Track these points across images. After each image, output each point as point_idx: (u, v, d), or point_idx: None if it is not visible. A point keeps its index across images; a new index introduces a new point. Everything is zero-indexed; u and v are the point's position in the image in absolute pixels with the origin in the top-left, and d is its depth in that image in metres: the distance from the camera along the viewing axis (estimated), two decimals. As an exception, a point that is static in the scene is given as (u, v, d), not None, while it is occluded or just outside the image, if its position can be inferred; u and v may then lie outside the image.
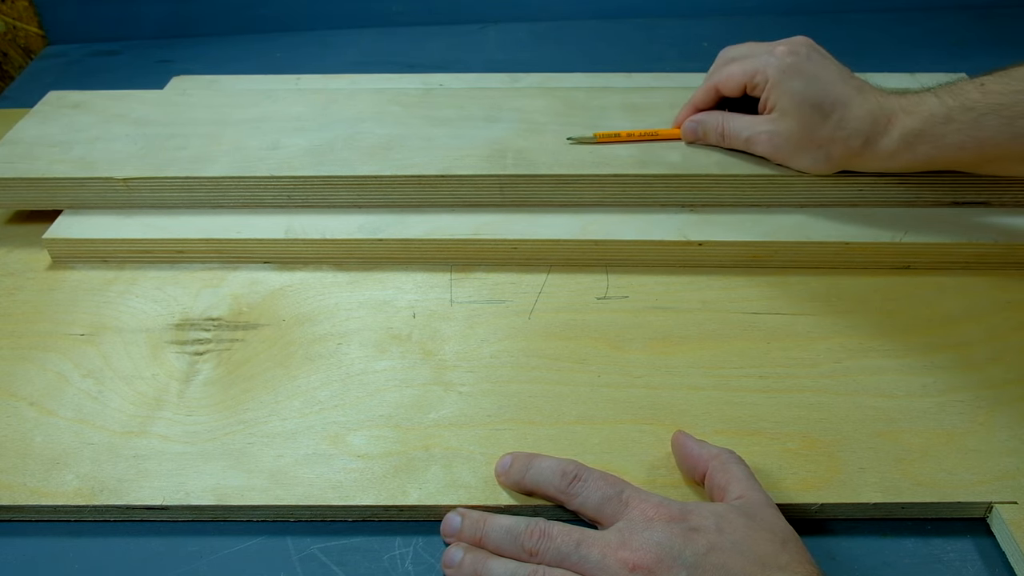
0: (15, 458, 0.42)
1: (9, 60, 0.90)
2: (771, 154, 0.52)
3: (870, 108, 0.48)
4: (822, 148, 0.50)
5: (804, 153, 0.51)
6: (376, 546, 0.39)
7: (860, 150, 0.49)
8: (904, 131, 0.47)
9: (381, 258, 0.54)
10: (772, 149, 0.52)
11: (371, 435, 0.43)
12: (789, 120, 0.50)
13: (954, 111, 0.45)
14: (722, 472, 0.38)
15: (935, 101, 0.46)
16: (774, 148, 0.52)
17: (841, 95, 0.48)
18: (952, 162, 0.48)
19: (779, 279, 0.52)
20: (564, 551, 0.36)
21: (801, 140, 0.50)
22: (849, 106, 0.48)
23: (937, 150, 0.47)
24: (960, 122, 0.45)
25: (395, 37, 0.87)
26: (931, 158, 0.47)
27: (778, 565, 0.33)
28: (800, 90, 0.49)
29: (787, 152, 0.51)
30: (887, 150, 0.48)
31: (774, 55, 0.51)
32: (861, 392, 0.45)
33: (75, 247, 0.54)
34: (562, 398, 0.45)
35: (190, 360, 0.47)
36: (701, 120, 0.54)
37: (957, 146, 0.46)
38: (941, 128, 0.46)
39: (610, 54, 0.83)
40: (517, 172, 0.53)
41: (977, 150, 0.46)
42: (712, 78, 0.55)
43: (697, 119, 0.54)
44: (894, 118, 0.47)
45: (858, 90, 0.49)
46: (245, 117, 0.60)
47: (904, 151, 0.47)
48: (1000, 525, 0.39)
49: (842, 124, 0.48)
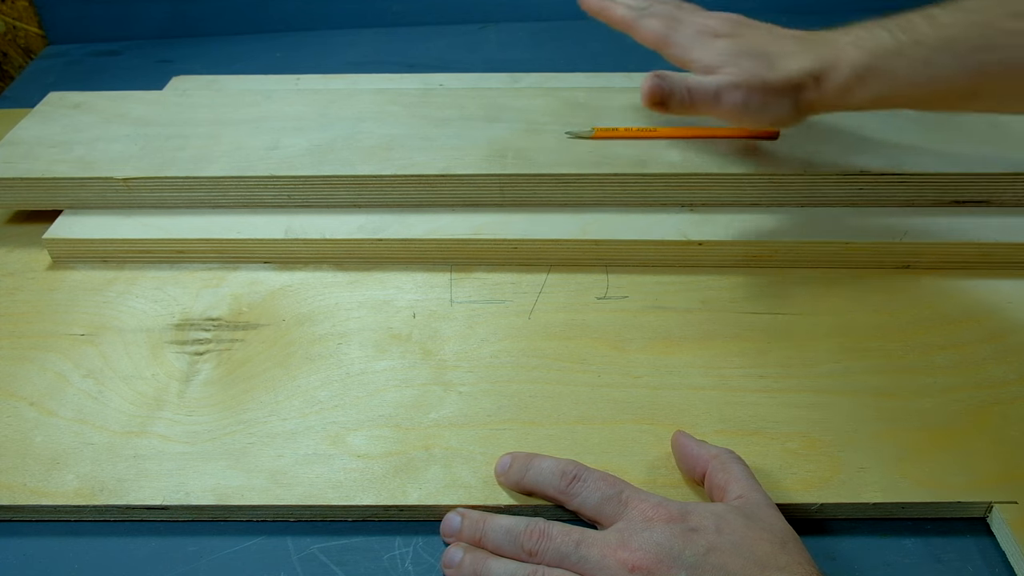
0: (15, 458, 0.42)
1: (9, 60, 0.90)
2: (731, 110, 0.47)
3: (814, 47, 0.47)
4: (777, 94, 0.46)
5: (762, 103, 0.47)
6: (376, 546, 0.39)
7: (814, 87, 0.46)
8: (854, 64, 0.45)
9: (381, 258, 0.54)
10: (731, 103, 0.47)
11: (371, 435, 0.43)
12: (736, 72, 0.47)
13: (905, 46, 0.44)
14: (722, 472, 0.38)
15: (886, 35, 0.45)
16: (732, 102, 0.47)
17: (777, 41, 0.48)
18: (906, 98, 0.46)
19: (779, 279, 0.52)
20: (563, 551, 0.36)
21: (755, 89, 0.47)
22: (789, 49, 0.47)
23: (890, 85, 0.45)
24: (911, 57, 0.44)
25: (395, 37, 0.87)
26: (884, 94, 0.45)
27: (777, 566, 0.33)
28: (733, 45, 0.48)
29: (759, 99, 0.47)
30: (839, 84, 0.45)
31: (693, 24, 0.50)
32: (861, 392, 0.45)
33: (75, 247, 0.54)
34: (562, 398, 0.45)
35: (190, 360, 0.47)
36: (666, 75, 0.48)
37: (909, 81, 0.44)
38: (892, 62, 0.44)
39: (610, 54, 0.83)
40: (517, 172, 0.53)
41: (928, 87, 0.44)
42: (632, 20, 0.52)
43: (661, 74, 0.48)
44: (843, 52, 0.46)
45: (796, 37, 0.48)
46: (245, 117, 0.60)
47: (857, 86, 0.45)
48: (1000, 525, 0.39)
49: (789, 67, 0.46)
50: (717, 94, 0.47)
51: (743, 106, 0.47)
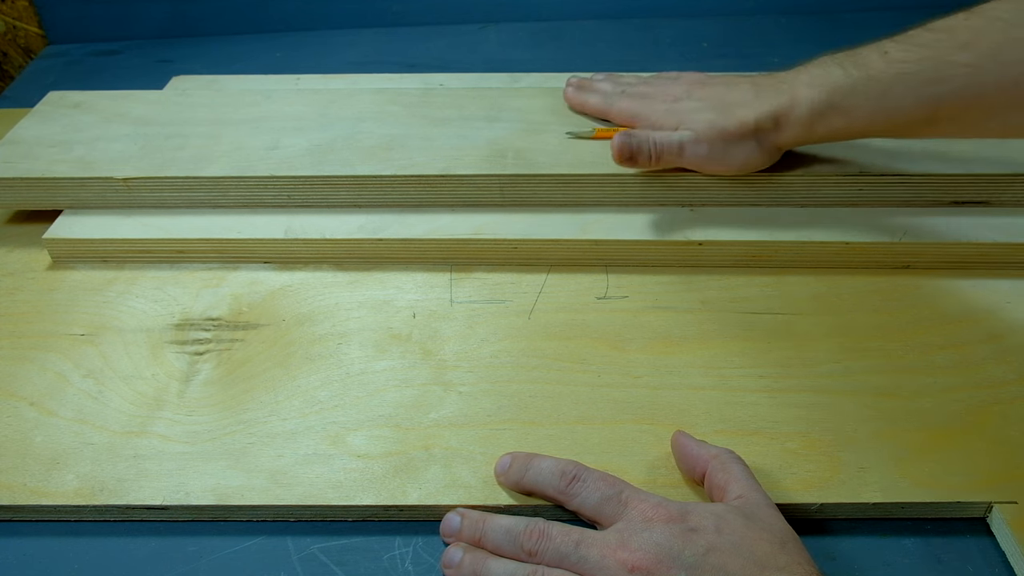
0: (15, 458, 0.42)
1: (9, 60, 0.90)
2: (696, 161, 0.51)
3: (771, 90, 0.49)
4: (745, 141, 0.50)
5: (735, 150, 0.50)
6: (376, 546, 0.39)
7: (774, 129, 0.48)
8: (811, 102, 0.47)
9: (381, 258, 0.54)
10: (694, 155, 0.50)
11: (371, 435, 0.43)
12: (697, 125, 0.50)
13: (859, 81, 0.45)
14: (721, 472, 0.38)
15: (839, 72, 0.46)
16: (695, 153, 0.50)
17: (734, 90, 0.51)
18: (865, 130, 0.48)
19: (779, 279, 0.52)
20: (563, 551, 0.36)
21: (724, 135, 0.50)
22: (747, 99, 0.49)
23: (847, 121, 0.47)
24: (866, 94, 0.45)
25: (395, 37, 0.87)
26: (842, 128, 0.47)
27: (777, 566, 0.33)
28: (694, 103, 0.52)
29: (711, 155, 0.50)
30: (799, 122, 0.47)
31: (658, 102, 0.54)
32: (861, 392, 0.45)
33: (75, 247, 0.54)
34: (562, 398, 0.45)
35: (190, 360, 0.47)
36: (633, 134, 0.51)
37: (866, 118, 0.46)
38: (849, 100, 0.46)
39: (610, 54, 0.83)
40: (517, 172, 0.53)
41: (886, 119, 0.46)
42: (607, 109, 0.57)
43: (629, 132, 0.51)
44: (798, 92, 0.47)
45: (749, 83, 0.51)
46: (245, 117, 0.60)
47: (816, 122, 0.47)
48: (1000, 525, 0.39)
49: (749, 112, 0.49)
50: (681, 147, 0.51)
51: (707, 156, 0.51)
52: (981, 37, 0.42)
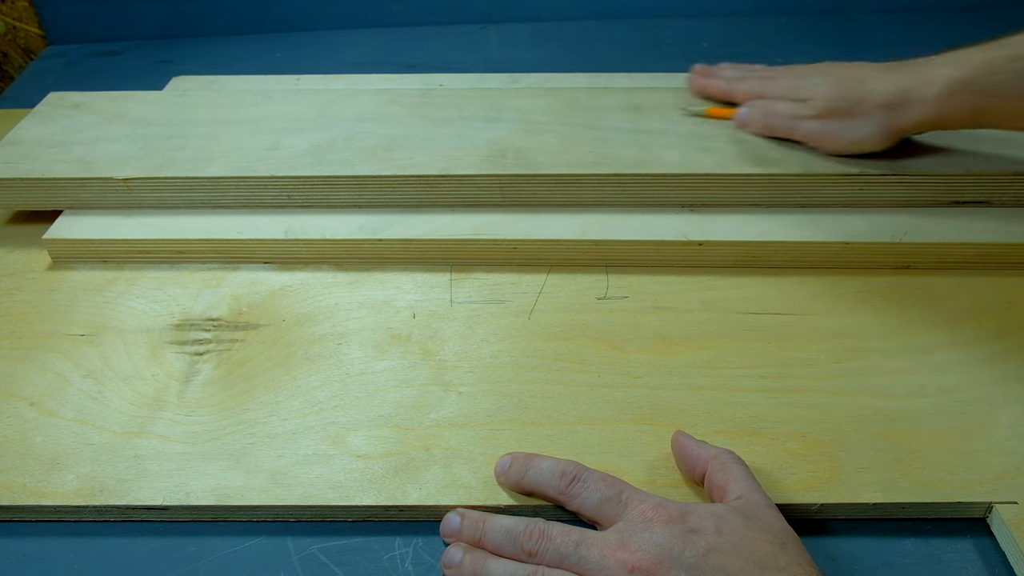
0: (15, 458, 0.42)
1: (9, 60, 0.90)
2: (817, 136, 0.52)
3: (900, 70, 0.48)
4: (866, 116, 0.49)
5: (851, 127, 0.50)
6: (376, 546, 0.39)
7: (903, 104, 0.48)
8: (948, 79, 0.46)
9: (381, 258, 0.54)
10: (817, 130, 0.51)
11: (371, 435, 0.43)
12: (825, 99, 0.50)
13: (1000, 60, 0.45)
14: (721, 472, 0.38)
15: (979, 53, 0.46)
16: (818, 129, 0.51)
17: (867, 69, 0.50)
18: (1003, 113, 0.47)
19: (779, 279, 0.52)
20: (563, 552, 0.36)
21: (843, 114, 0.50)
22: (878, 74, 0.49)
23: (984, 100, 0.46)
24: (1009, 72, 0.45)
25: (395, 37, 0.87)
26: (980, 108, 0.46)
27: (777, 566, 0.33)
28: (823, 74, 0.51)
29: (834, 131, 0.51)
30: (931, 100, 0.47)
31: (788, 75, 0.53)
32: (861, 392, 0.45)
33: (75, 247, 0.54)
34: (562, 398, 0.45)
35: (190, 360, 0.47)
36: (755, 104, 0.54)
37: (1005, 96, 0.45)
38: (988, 77, 0.45)
39: (610, 54, 0.83)
40: (517, 172, 0.53)
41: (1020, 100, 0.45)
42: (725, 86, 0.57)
43: (751, 103, 0.54)
44: (934, 70, 0.47)
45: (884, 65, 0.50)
46: (245, 117, 0.60)
47: (949, 101, 0.46)
48: (1000, 525, 0.39)
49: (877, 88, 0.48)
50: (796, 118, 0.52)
51: (822, 130, 0.51)
52: None
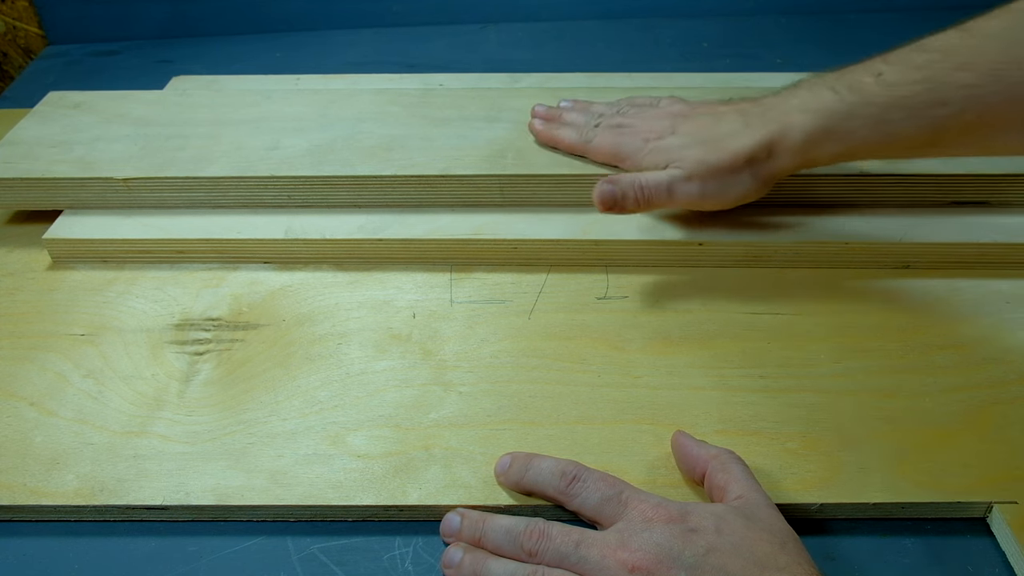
0: (15, 458, 0.42)
1: (9, 60, 0.90)
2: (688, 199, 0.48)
3: (760, 118, 0.47)
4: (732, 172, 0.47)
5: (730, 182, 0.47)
6: (376, 546, 0.39)
7: (768, 157, 0.46)
8: (805, 129, 0.45)
9: (381, 258, 0.54)
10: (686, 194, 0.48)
11: (371, 435, 0.43)
12: (684, 162, 0.48)
13: (855, 106, 0.44)
14: (721, 472, 0.38)
15: (831, 96, 0.45)
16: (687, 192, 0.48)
17: (720, 121, 0.48)
18: (863, 153, 0.46)
19: (779, 279, 0.52)
20: (563, 551, 0.36)
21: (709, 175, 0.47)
22: (735, 128, 0.47)
23: (844, 146, 0.45)
24: (863, 117, 0.44)
25: (395, 37, 0.87)
26: (838, 154, 0.46)
27: (777, 566, 0.33)
28: (682, 137, 0.49)
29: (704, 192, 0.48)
30: (793, 150, 0.46)
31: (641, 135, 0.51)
32: (861, 392, 0.45)
33: (75, 247, 0.54)
34: (562, 398, 0.45)
35: (190, 360, 0.47)
36: (617, 180, 0.48)
37: (863, 142, 0.45)
38: (844, 125, 0.44)
39: (610, 54, 0.83)
40: (517, 172, 0.53)
41: (885, 144, 0.44)
42: (584, 148, 0.54)
43: (612, 179, 0.48)
44: (791, 119, 0.45)
45: (736, 111, 0.48)
46: (245, 117, 0.60)
47: (811, 149, 0.45)
48: (1000, 525, 0.39)
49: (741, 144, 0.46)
50: (670, 189, 0.48)
51: (700, 194, 0.48)
52: (979, 57, 0.41)
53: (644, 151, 0.50)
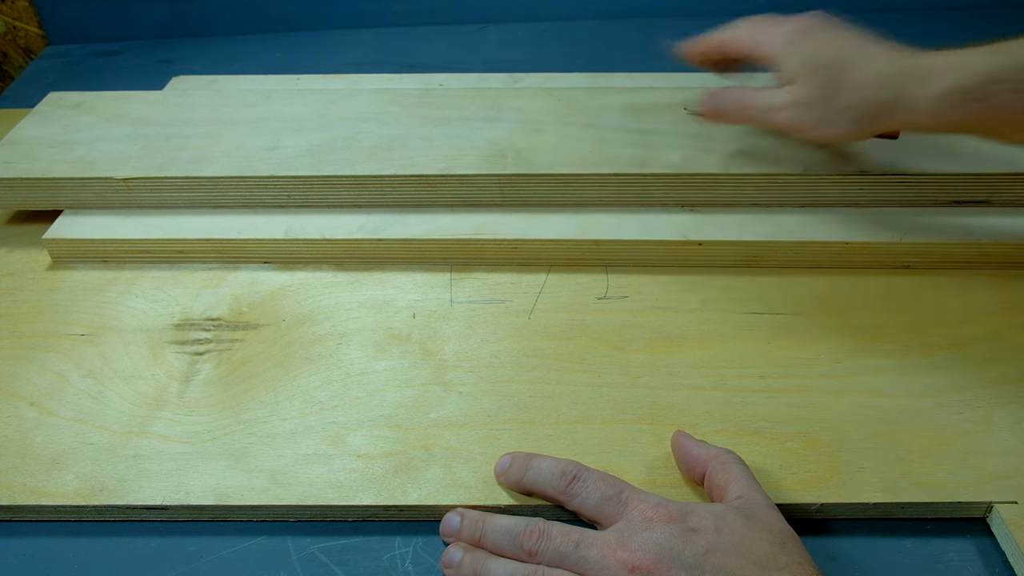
0: (15, 458, 0.42)
1: (9, 60, 0.90)
2: (793, 124, 0.47)
3: (899, 63, 0.44)
4: (846, 108, 0.45)
5: (830, 117, 0.46)
6: (376, 546, 0.39)
7: (889, 107, 0.44)
8: (946, 87, 0.43)
9: (381, 258, 0.54)
10: (793, 118, 0.47)
11: (371, 435, 0.43)
12: (806, 86, 0.46)
13: (1001, 70, 0.42)
14: (721, 472, 0.38)
15: (979, 58, 0.43)
16: (795, 118, 0.47)
17: (861, 53, 0.45)
18: (994, 123, 0.44)
19: (779, 279, 0.52)
20: (563, 551, 0.36)
21: (823, 104, 0.46)
22: (871, 61, 0.45)
23: (982, 109, 0.43)
24: (1008, 82, 0.42)
25: (395, 37, 0.87)
26: (974, 117, 0.44)
27: (777, 566, 0.33)
28: (813, 54, 0.46)
29: (810, 121, 0.46)
30: (925, 107, 0.44)
31: (784, 26, 0.48)
32: (861, 392, 0.45)
33: (75, 247, 0.54)
34: (562, 398, 0.45)
35: (190, 360, 0.47)
36: (721, 95, 0.50)
37: (1002, 107, 0.43)
38: (986, 87, 0.43)
39: (610, 54, 0.83)
40: (517, 172, 0.53)
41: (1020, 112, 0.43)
42: (721, 34, 0.52)
43: (718, 94, 0.50)
44: (932, 73, 0.43)
45: (883, 49, 0.46)
46: (245, 117, 0.60)
47: (946, 109, 0.43)
48: (1000, 525, 0.39)
49: (864, 82, 0.45)
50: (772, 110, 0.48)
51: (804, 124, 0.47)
52: None
53: (782, 46, 0.48)
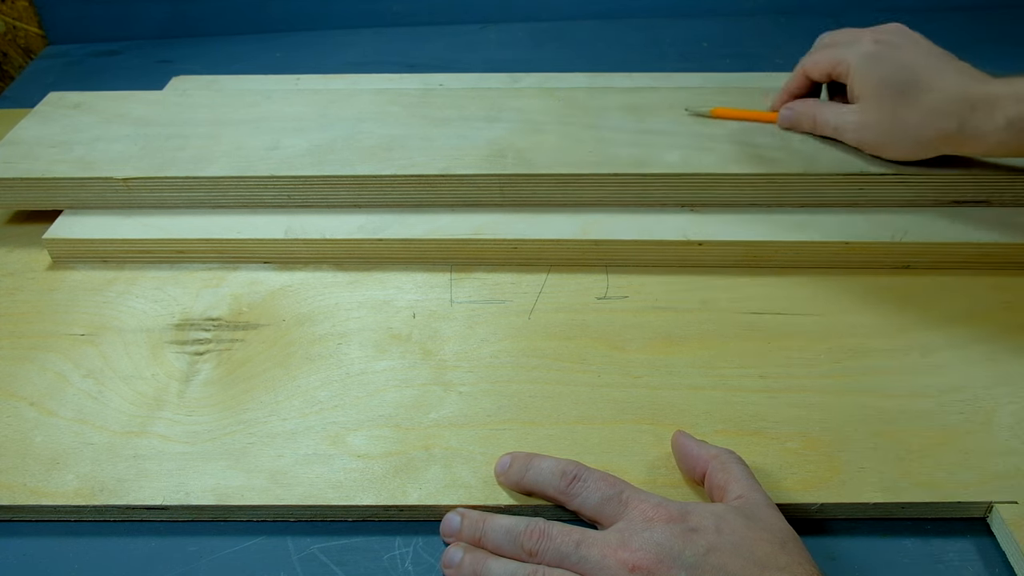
0: (15, 458, 0.42)
1: (9, 60, 0.90)
2: (859, 143, 0.52)
3: (967, 91, 0.46)
4: (910, 134, 0.48)
5: (894, 141, 0.50)
6: (376, 546, 0.39)
7: (955, 134, 0.47)
8: (1011, 116, 0.45)
9: (381, 258, 0.54)
10: (859, 138, 0.51)
11: (371, 435, 0.43)
12: (873, 108, 0.49)
13: None
14: (722, 472, 0.38)
15: None
16: (860, 138, 0.51)
17: (930, 77, 0.47)
18: None
19: (779, 279, 0.52)
20: (563, 551, 0.36)
21: (888, 127, 0.49)
22: (939, 89, 0.47)
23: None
24: None
25: (395, 37, 0.87)
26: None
27: (777, 566, 0.33)
28: (882, 76, 0.48)
29: (875, 142, 0.51)
30: (991, 136, 0.46)
31: (860, 43, 0.51)
32: (861, 392, 0.45)
33: (75, 247, 0.54)
34: (562, 398, 0.45)
35: (190, 360, 0.47)
36: (795, 108, 0.55)
37: None
38: None
39: (610, 54, 0.83)
40: (517, 172, 0.53)
41: None
42: (802, 63, 0.55)
43: (791, 106, 0.55)
44: (999, 102, 0.45)
45: (955, 73, 0.47)
46: (245, 117, 0.60)
47: (1011, 137, 0.45)
48: (1000, 525, 0.39)
49: (931, 108, 0.47)
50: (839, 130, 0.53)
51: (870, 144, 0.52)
52: None
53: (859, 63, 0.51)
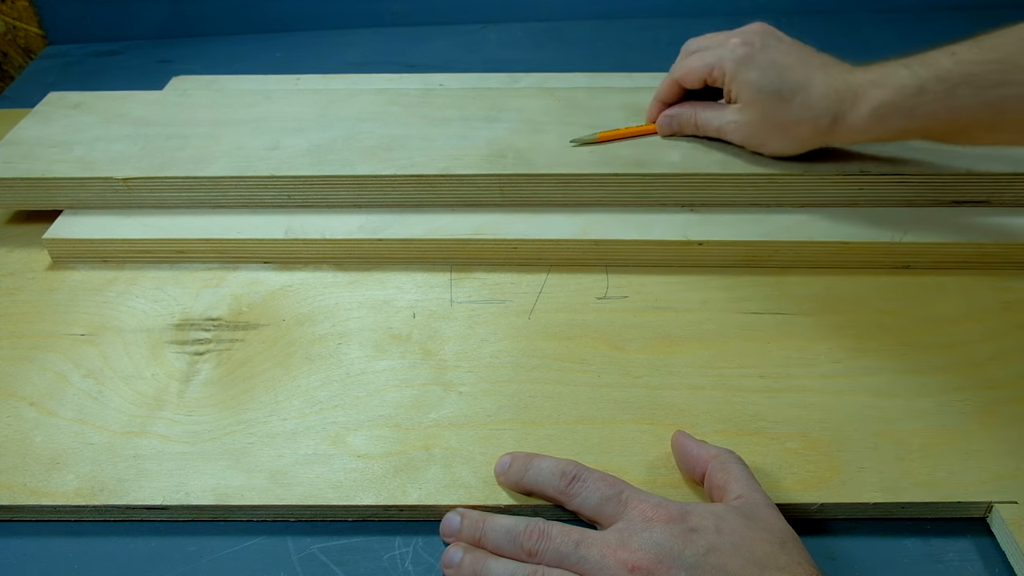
0: (15, 458, 0.42)
1: (9, 60, 0.90)
2: (743, 142, 0.53)
3: (834, 86, 0.48)
4: (789, 131, 0.50)
5: (774, 138, 0.52)
6: (376, 546, 0.39)
7: (829, 128, 0.49)
8: (874, 104, 0.46)
9: (381, 258, 0.54)
10: (743, 138, 0.53)
11: (371, 435, 0.43)
12: (752, 109, 0.51)
13: (927, 82, 0.45)
14: (721, 472, 0.38)
15: (906, 72, 0.46)
16: (744, 137, 0.53)
17: (801, 78, 0.49)
18: (924, 132, 0.47)
19: (779, 279, 0.52)
20: (563, 551, 0.36)
21: (768, 127, 0.51)
22: (811, 87, 0.48)
23: (909, 121, 0.46)
24: (933, 92, 0.45)
25: (395, 37, 0.87)
26: (903, 129, 0.47)
27: (777, 566, 0.33)
28: (757, 80, 0.50)
29: (758, 140, 0.52)
30: (858, 125, 0.47)
31: (728, 47, 0.51)
32: (861, 392, 0.45)
33: (75, 247, 0.54)
34: (562, 398, 0.45)
35: (190, 360, 0.47)
36: (675, 114, 0.56)
37: (930, 116, 0.46)
38: (913, 99, 0.46)
39: (610, 54, 0.83)
40: (517, 172, 0.53)
41: (950, 120, 0.46)
42: (673, 72, 0.56)
43: (671, 113, 0.56)
44: (862, 92, 0.47)
45: (821, 68, 0.49)
46: (245, 117, 0.60)
47: (875, 124, 0.47)
48: (1000, 525, 0.39)
49: (806, 105, 0.48)
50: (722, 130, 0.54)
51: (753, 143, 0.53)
52: None
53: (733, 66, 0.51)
